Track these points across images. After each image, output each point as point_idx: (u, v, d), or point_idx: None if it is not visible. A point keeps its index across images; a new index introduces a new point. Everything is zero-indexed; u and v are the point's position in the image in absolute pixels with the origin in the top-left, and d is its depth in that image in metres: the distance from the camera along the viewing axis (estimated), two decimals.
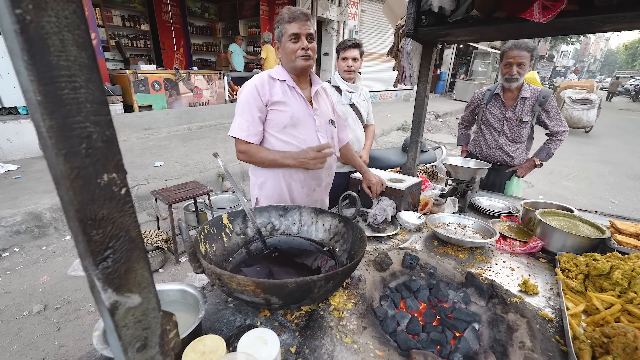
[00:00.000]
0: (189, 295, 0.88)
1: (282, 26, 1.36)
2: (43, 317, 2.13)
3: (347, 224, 1.16)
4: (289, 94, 1.44)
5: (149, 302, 0.48)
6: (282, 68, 1.46)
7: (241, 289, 0.76)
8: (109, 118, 0.40)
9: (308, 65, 1.40)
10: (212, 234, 1.08)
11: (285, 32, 1.36)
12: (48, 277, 2.52)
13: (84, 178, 0.38)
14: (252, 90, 1.40)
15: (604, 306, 0.94)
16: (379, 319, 0.95)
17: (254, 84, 1.41)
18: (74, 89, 0.36)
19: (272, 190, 1.58)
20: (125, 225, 0.44)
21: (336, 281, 0.84)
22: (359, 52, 2.18)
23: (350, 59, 2.16)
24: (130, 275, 0.46)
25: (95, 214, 0.40)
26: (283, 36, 1.37)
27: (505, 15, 1.27)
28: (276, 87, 1.43)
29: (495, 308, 0.98)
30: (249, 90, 1.41)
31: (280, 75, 1.44)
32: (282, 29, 1.37)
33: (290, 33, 1.35)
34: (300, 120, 1.44)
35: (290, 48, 1.37)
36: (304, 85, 1.50)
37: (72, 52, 0.35)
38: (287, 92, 1.44)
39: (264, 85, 1.41)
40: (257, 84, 1.41)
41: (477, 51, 16.01)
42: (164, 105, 6.38)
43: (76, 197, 0.38)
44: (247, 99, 1.40)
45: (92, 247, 0.41)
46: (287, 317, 0.93)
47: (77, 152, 0.37)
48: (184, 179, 3.93)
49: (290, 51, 1.37)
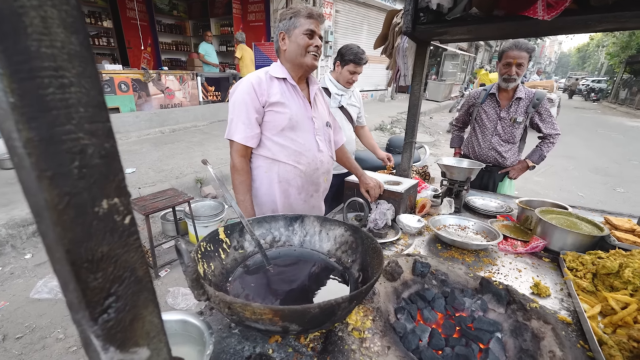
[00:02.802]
0: (191, 325, 0.76)
1: (298, 19, 1.28)
2: (2, 349, 1.87)
3: (356, 232, 1.08)
4: (287, 94, 1.34)
5: (158, 354, 0.39)
6: (281, 66, 1.36)
7: (256, 317, 0.66)
8: (109, 126, 0.30)
9: (315, 65, 1.34)
10: (209, 251, 0.96)
11: (301, 25, 1.29)
12: (6, 302, 2.23)
13: (76, 207, 0.28)
14: (248, 89, 1.29)
15: (619, 306, 0.94)
16: (398, 335, 0.89)
17: (250, 82, 1.30)
18: (62, 86, 0.26)
19: (266, 196, 1.48)
20: (130, 262, 0.34)
21: (359, 300, 0.76)
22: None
23: (357, 74, 2.15)
24: (136, 326, 0.36)
25: (93, 253, 0.30)
26: (296, 29, 1.29)
27: (505, 13, 1.26)
28: (274, 86, 1.33)
29: (515, 315, 0.94)
30: (245, 88, 1.29)
31: (280, 73, 1.34)
32: (296, 22, 1.29)
33: (308, 28, 1.29)
34: (299, 123, 1.35)
35: (304, 42, 1.30)
36: (302, 85, 1.41)
37: (58, 35, 0.25)
38: (285, 92, 1.34)
39: (262, 84, 1.31)
40: (254, 82, 1.30)
41: (446, 52, 16.60)
42: (132, 107, 6.00)
43: (66, 234, 0.28)
44: (244, 99, 1.29)
45: (89, 297, 0.30)
46: (300, 341, 0.84)
47: (67, 174, 0.27)
48: (159, 186, 3.68)
49: (304, 45, 1.30)
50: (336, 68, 2.17)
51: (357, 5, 10.53)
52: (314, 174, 1.48)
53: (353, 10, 10.46)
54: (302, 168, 1.44)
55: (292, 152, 1.37)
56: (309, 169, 1.46)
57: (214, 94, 7.61)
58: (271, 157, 1.41)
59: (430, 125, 9.88)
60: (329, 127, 1.51)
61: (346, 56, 2.06)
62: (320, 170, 1.50)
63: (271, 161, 1.42)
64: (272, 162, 1.42)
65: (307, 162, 1.44)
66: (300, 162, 1.43)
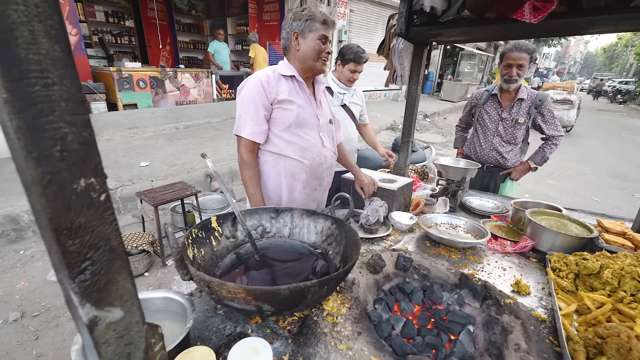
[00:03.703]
0: (176, 303, 0.84)
1: (314, 24, 1.33)
2: (20, 326, 2.03)
3: (340, 226, 1.13)
4: (294, 91, 1.40)
5: (131, 316, 0.45)
6: (288, 64, 1.42)
7: (231, 296, 0.73)
8: (87, 117, 0.36)
9: (324, 70, 1.41)
10: (200, 237, 1.03)
11: (317, 30, 1.34)
12: (26, 283, 2.40)
13: (58, 184, 0.34)
14: (257, 86, 1.35)
15: (595, 305, 0.95)
16: (373, 323, 0.93)
17: (259, 79, 1.36)
18: (46, 85, 0.33)
19: (272, 190, 1.55)
20: (105, 234, 0.40)
21: (330, 286, 0.82)
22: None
23: (358, 73, 2.18)
24: (111, 288, 0.42)
25: (72, 222, 0.37)
26: (311, 32, 1.34)
27: (496, 15, 1.27)
28: (282, 84, 1.38)
29: (489, 309, 0.97)
30: (254, 85, 1.35)
31: (288, 71, 1.40)
32: (312, 25, 1.33)
33: (322, 34, 1.34)
34: (305, 120, 1.42)
35: (318, 48, 1.35)
36: (308, 83, 1.48)
37: (43, 44, 0.31)
38: (293, 90, 1.40)
39: (270, 81, 1.36)
40: (263, 79, 1.36)
41: (463, 52, 16.28)
42: (149, 103, 6.22)
43: (49, 205, 0.34)
44: (252, 95, 1.35)
45: (68, 259, 0.37)
46: (279, 323, 0.90)
47: (49, 155, 0.34)
48: (171, 179, 3.83)
49: (318, 51, 1.36)
50: (337, 67, 2.22)
51: (371, 5, 10.49)
52: (318, 168, 1.54)
53: (368, 9, 10.43)
54: (307, 163, 1.50)
55: (299, 147, 1.43)
56: (314, 164, 1.52)
57: (227, 91, 7.78)
58: (278, 152, 1.47)
59: (443, 125, 9.75)
60: (331, 124, 1.57)
61: (347, 55, 2.10)
62: (324, 165, 1.56)
63: (278, 156, 1.48)
64: (279, 157, 1.48)
65: (312, 157, 1.50)
66: (306, 157, 1.49)
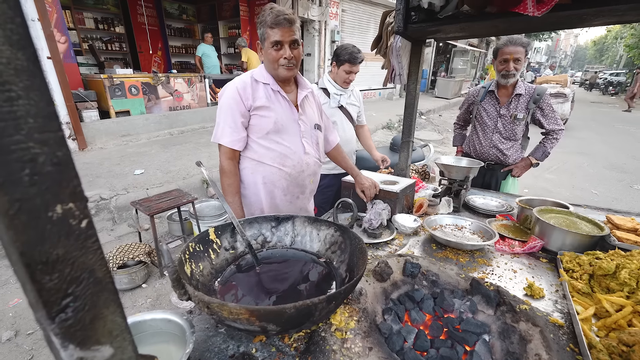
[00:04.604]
0: (174, 324, 0.78)
1: (265, 30, 1.25)
2: (14, 345, 1.95)
3: (344, 233, 1.09)
4: (272, 98, 1.35)
5: (123, 352, 0.40)
6: (264, 70, 1.37)
7: (233, 317, 0.67)
8: (60, 135, 0.31)
9: (291, 75, 1.33)
10: (197, 251, 0.98)
11: (268, 37, 1.25)
12: (19, 299, 2.33)
13: (28, 212, 0.29)
14: (233, 94, 1.31)
15: (614, 308, 0.91)
16: (383, 336, 0.89)
17: (235, 87, 1.32)
18: (9, 100, 0.27)
19: (253, 196, 1.50)
20: (88, 265, 0.35)
21: (338, 301, 0.77)
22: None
23: (354, 73, 2.14)
24: (97, 324, 0.37)
25: (48, 255, 0.31)
26: (265, 40, 1.27)
27: (497, 10, 1.24)
28: (259, 90, 1.34)
29: (504, 317, 0.93)
30: (231, 93, 1.31)
31: (263, 78, 1.35)
32: (264, 32, 1.26)
33: (273, 40, 1.24)
34: (285, 126, 1.37)
35: (272, 56, 1.27)
36: (289, 88, 1.42)
37: (3, 52, 0.26)
38: (271, 96, 1.35)
39: (247, 88, 1.32)
40: (239, 87, 1.32)
41: (456, 49, 16.33)
42: (142, 110, 6.13)
43: (19, 238, 0.29)
44: (229, 104, 1.31)
45: (45, 297, 0.31)
46: (284, 341, 0.85)
47: (17, 181, 0.28)
48: (167, 186, 3.76)
49: (273, 59, 1.28)
50: (333, 69, 2.17)
51: (363, 4, 10.48)
52: (299, 176, 1.49)
53: (359, 9, 10.42)
54: (288, 170, 1.45)
55: (278, 154, 1.39)
56: (294, 171, 1.47)
57: None
58: (257, 159, 1.43)
59: (439, 123, 9.75)
60: (317, 129, 1.51)
61: (341, 56, 2.06)
62: (306, 173, 1.51)
63: (256, 163, 1.44)
64: (257, 164, 1.44)
65: (293, 164, 1.45)
66: (286, 165, 1.44)
